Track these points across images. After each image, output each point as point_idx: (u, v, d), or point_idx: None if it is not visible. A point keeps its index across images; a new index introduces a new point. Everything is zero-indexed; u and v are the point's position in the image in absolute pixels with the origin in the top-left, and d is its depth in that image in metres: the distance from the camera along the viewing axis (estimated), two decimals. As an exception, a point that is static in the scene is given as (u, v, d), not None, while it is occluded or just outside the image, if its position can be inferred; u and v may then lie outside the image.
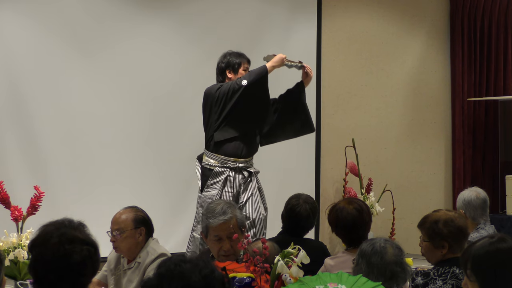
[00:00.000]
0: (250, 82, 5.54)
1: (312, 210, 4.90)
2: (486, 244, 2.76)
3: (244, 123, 5.65)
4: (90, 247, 2.59)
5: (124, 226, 4.30)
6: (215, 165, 5.62)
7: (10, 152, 6.28)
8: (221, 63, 5.74)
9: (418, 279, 3.78)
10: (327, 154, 7.83)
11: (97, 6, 6.62)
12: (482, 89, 8.42)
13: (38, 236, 2.60)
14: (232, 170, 5.61)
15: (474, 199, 5.05)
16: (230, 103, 5.57)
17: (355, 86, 8.03)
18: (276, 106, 5.82)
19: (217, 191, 5.56)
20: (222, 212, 3.95)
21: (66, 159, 6.48)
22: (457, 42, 8.34)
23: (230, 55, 5.74)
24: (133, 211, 4.39)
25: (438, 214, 3.90)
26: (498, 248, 2.75)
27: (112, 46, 6.68)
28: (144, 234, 4.33)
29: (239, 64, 5.70)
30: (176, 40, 6.96)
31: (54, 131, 6.43)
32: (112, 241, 4.33)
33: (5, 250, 5.36)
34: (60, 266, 2.53)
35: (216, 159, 5.62)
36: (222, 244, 3.92)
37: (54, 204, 6.11)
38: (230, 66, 5.71)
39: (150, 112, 6.84)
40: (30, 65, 6.36)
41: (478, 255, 2.74)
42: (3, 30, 6.30)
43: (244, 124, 5.65)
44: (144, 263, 4.28)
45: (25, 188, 5.86)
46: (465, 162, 8.37)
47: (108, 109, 6.65)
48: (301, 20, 7.55)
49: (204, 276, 2.25)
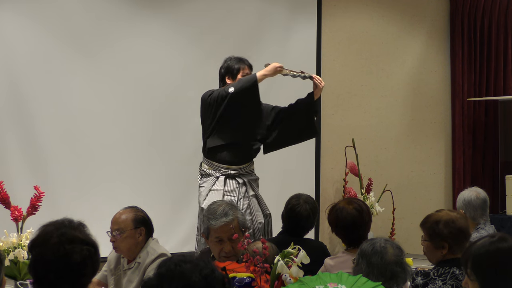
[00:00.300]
0: (237, 90, 5.39)
1: (312, 210, 4.90)
2: (487, 243, 2.77)
3: (234, 131, 5.52)
4: (90, 247, 2.59)
5: (124, 226, 4.30)
6: (209, 171, 5.56)
7: (10, 152, 6.27)
8: (222, 69, 5.62)
9: (418, 279, 3.78)
10: (327, 154, 7.83)
11: (97, 5, 6.62)
12: (482, 89, 8.42)
13: (38, 236, 2.60)
14: (224, 175, 5.52)
15: (474, 199, 5.05)
16: (219, 110, 5.45)
17: (355, 86, 8.03)
18: (282, 115, 5.69)
19: (206, 189, 5.50)
20: (223, 213, 3.94)
21: (66, 159, 6.47)
22: (457, 42, 8.34)
23: (230, 60, 5.61)
24: (133, 211, 4.39)
25: (440, 214, 3.89)
26: (498, 248, 2.75)
27: (112, 46, 6.68)
28: (144, 234, 4.33)
29: (237, 70, 5.55)
30: (176, 39, 6.96)
31: (54, 131, 6.43)
32: (112, 241, 4.33)
33: (5, 250, 5.35)
34: (60, 266, 2.53)
35: (210, 165, 5.55)
36: (223, 246, 3.91)
37: (54, 204, 6.11)
38: (229, 72, 5.57)
39: (150, 111, 6.83)
40: (30, 65, 6.36)
41: (479, 254, 2.75)
42: (3, 30, 6.30)
43: (234, 132, 5.52)
44: (144, 263, 4.28)
45: (25, 188, 5.86)
46: (465, 162, 8.37)
47: (108, 108, 6.65)
48: (301, 20, 7.55)
49: (204, 276, 2.26)
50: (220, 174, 5.53)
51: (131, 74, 6.74)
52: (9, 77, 6.30)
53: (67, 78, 6.49)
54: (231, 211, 3.96)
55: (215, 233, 3.94)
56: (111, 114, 6.67)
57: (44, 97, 6.39)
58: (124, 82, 6.72)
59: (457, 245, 3.79)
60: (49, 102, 6.41)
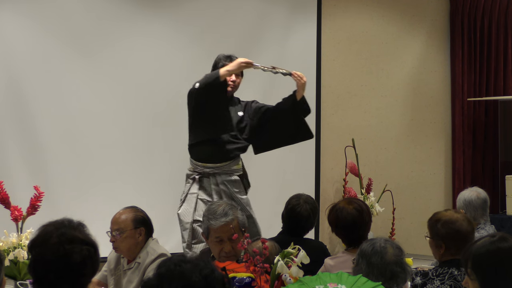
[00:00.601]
0: (201, 86, 5.21)
1: (313, 210, 4.90)
2: (487, 243, 2.77)
3: (206, 127, 5.38)
4: (90, 247, 2.59)
5: (124, 226, 4.29)
6: (189, 172, 5.46)
7: (10, 152, 6.27)
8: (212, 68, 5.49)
9: (417, 279, 3.78)
10: (327, 154, 7.83)
11: (97, 5, 6.62)
12: (482, 89, 8.42)
13: (38, 236, 2.60)
14: (200, 174, 5.39)
15: (475, 199, 5.05)
16: (191, 106, 5.35)
17: (355, 86, 8.03)
18: (268, 114, 5.48)
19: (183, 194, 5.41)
20: (223, 213, 3.95)
21: (66, 159, 6.47)
22: (457, 42, 8.34)
23: (218, 58, 5.47)
24: (132, 211, 4.39)
25: (444, 214, 3.90)
26: (498, 247, 2.75)
27: (113, 45, 6.68)
28: (144, 234, 4.33)
29: (222, 66, 5.34)
30: (176, 38, 6.96)
31: (54, 131, 6.43)
32: (112, 241, 4.33)
33: (5, 250, 5.35)
34: (60, 266, 2.53)
35: (191, 164, 5.47)
36: (223, 246, 3.92)
37: (54, 204, 6.10)
38: (216, 69, 5.38)
39: (150, 111, 6.83)
40: (30, 65, 6.36)
41: (479, 254, 2.75)
42: (3, 30, 6.30)
43: (207, 129, 5.38)
44: (144, 263, 4.28)
45: (25, 188, 5.86)
46: (465, 162, 8.36)
47: (108, 108, 6.65)
48: (301, 20, 7.55)
49: (204, 276, 2.25)
50: (196, 174, 5.39)
51: (131, 74, 6.74)
52: (9, 77, 6.30)
53: (67, 78, 6.49)
54: (231, 211, 3.97)
55: (215, 233, 3.95)
56: (112, 114, 6.67)
57: (44, 97, 6.39)
58: (125, 81, 6.72)
59: (453, 246, 3.78)
60: (49, 102, 6.41)
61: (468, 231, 3.86)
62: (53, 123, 6.42)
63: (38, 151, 6.36)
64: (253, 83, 7.18)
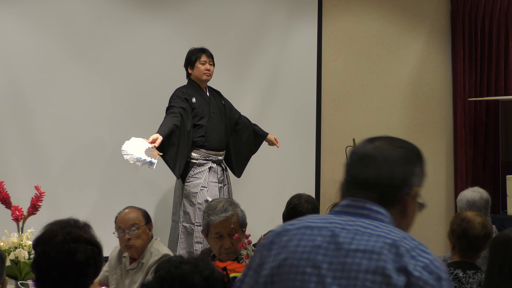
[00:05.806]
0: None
1: (314, 210, 4.89)
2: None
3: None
4: (94, 247, 2.59)
5: (139, 222, 4.36)
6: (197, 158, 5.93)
7: (11, 152, 6.27)
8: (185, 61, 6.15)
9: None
10: (327, 154, 7.82)
11: (97, 6, 6.61)
12: (483, 89, 8.41)
13: (43, 233, 2.60)
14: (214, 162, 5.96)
15: (478, 199, 5.04)
16: None
17: (356, 86, 8.03)
18: (237, 127, 6.31)
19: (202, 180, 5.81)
20: (223, 209, 4.00)
21: (67, 159, 6.47)
22: (458, 42, 8.33)
23: (190, 51, 6.13)
24: (137, 209, 4.45)
25: (465, 213, 3.96)
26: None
27: (113, 46, 6.67)
28: (152, 229, 4.40)
29: (195, 59, 6.07)
30: (176, 40, 6.94)
31: (54, 131, 6.42)
32: (127, 239, 4.34)
33: (6, 250, 5.34)
34: (64, 264, 2.53)
35: (199, 153, 5.92)
36: (223, 242, 3.97)
37: (55, 204, 6.10)
38: (189, 62, 6.12)
39: (151, 111, 6.81)
40: (30, 65, 6.35)
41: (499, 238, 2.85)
42: (3, 30, 6.29)
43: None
44: (148, 263, 4.29)
45: (26, 188, 5.85)
46: (466, 162, 8.36)
47: (108, 109, 6.64)
48: (302, 20, 7.55)
49: (205, 277, 2.25)
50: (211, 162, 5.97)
51: (131, 75, 6.73)
52: (10, 77, 6.30)
53: (68, 78, 6.48)
54: (230, 207, 4.04)
55: (215, 229, 3.99)
56: (112, 114, 6.66)
57: (44, 97, 6.39)
58: (125, 82, 6.71)
59: (458, 245, 3.78)
60: (50, 102, 6.41)
61: (477, 235, 3.82)
62: (53, 123, 6.42)
63: (39, 151, 6.36)
64: (253, 83, 7.19)
